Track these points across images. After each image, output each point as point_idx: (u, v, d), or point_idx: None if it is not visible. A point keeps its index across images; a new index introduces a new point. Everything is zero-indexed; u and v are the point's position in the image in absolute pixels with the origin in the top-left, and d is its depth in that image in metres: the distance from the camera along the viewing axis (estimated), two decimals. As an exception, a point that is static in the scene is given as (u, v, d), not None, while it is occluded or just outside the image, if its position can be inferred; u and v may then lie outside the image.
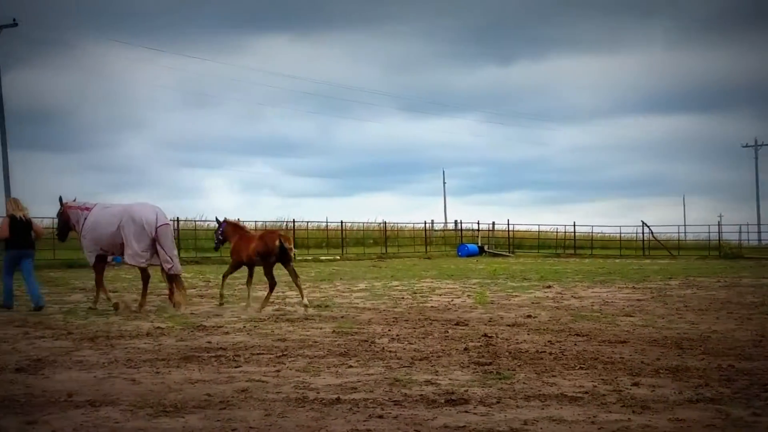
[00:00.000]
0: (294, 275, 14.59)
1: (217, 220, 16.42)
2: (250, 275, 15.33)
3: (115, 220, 14.49)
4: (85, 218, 14.86)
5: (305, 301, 14.16)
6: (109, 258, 16.19)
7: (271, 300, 14.57)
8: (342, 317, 13.23)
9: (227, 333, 11.24)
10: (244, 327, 11.87)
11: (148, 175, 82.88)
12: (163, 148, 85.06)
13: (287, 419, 6.38)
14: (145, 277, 14.78)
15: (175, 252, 14.96)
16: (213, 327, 11.83)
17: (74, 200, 15.36)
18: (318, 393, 7.29)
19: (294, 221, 45.87)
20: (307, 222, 49.81)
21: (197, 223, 43.17)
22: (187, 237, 40.89)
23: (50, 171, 79.49)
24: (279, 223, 48.79)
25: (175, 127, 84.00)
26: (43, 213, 38.82)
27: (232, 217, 16.70)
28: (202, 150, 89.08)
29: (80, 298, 16.82)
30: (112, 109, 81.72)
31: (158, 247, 14.39)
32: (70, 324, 12.19)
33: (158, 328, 11.70)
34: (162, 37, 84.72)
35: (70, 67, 77.18)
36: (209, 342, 10.36)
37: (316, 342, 10.38)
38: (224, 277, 15.65)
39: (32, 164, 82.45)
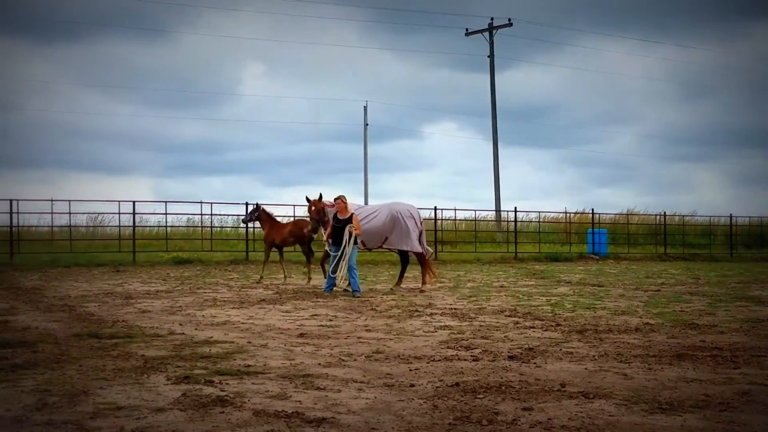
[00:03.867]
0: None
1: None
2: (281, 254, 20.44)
3: (385, 217, 17.06)
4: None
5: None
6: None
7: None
8: None
9: (722, 332, 10.56)
10: (741, 327, 11.08)
11: (632, 169, 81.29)
12: (651, 142, 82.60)
13: (799, 428, 5.72)
14: (421, 260, 17.48)
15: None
16: (706, 326, 11.21)
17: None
18: (834, 403, 6.45)
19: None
20: (808, 219, 45.67)
21: (685, 218, 41.76)
22: (674, 232, 39.74)
23: (534, 166, 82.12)
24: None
25: (665, 120, 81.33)
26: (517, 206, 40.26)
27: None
28: (692, 143, 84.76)
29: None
30: (600, 103, 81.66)
31: (421, 237, 17.38)
32: (558, 316, 12.40)
33: (647, 324, 11.40)
34: (657, 28, 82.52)
35: (558, 64, 78.93)
36: (703, 341, 9.80)
37: (826, 346, 9.30)
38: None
39: (518, 159, 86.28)
